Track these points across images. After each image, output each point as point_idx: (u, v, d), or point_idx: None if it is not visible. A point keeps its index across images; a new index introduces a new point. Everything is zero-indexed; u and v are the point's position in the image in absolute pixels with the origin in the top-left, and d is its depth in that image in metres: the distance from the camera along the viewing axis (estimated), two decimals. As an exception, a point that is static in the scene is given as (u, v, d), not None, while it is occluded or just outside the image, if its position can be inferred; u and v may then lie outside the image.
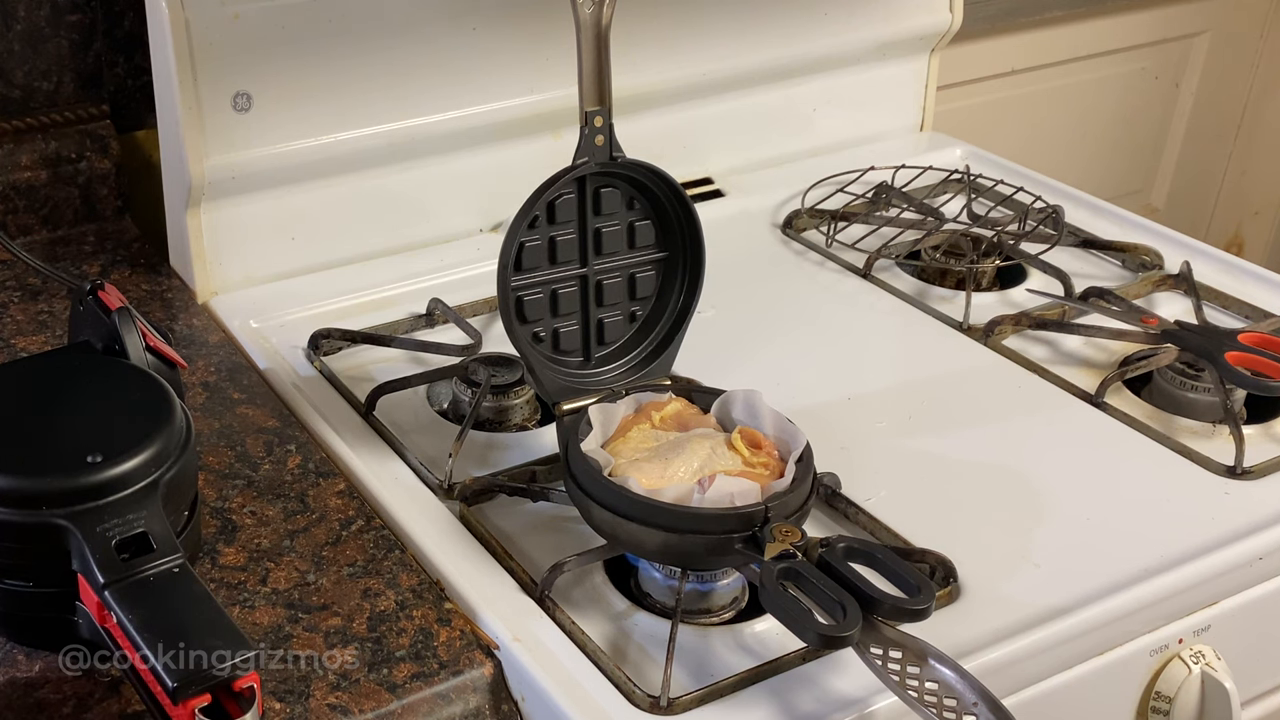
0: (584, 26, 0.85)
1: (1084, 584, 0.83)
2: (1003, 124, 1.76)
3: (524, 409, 0.99)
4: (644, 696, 0.73)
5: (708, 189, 1.31)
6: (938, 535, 0.85)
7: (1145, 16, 1.85)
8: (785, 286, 1.18)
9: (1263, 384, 1.00)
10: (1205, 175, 2.07)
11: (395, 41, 1.10)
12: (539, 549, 0.85)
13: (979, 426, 0.99)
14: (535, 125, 1.18)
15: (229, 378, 0.99)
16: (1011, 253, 1.19)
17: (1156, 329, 1.06)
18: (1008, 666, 0.78)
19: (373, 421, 0.96)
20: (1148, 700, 0.86)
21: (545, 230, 0.88)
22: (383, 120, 1.12)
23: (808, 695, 0.74)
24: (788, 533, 0.77)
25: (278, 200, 1.10)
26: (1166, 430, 0.99)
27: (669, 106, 1.27)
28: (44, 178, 1.15)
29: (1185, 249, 1.23)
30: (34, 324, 1.04)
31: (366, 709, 0.72)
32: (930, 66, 1.43)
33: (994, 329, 1.09)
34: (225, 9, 1.02)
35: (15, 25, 1.12)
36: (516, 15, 1.14)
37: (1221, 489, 0.93)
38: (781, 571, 0.75)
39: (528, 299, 0.89)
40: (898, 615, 0.73)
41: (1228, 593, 0.88)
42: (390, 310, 1.09)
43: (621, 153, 0.88)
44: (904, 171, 1.33)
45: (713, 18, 1.26)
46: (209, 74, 1.03)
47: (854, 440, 0.95)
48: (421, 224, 1.18)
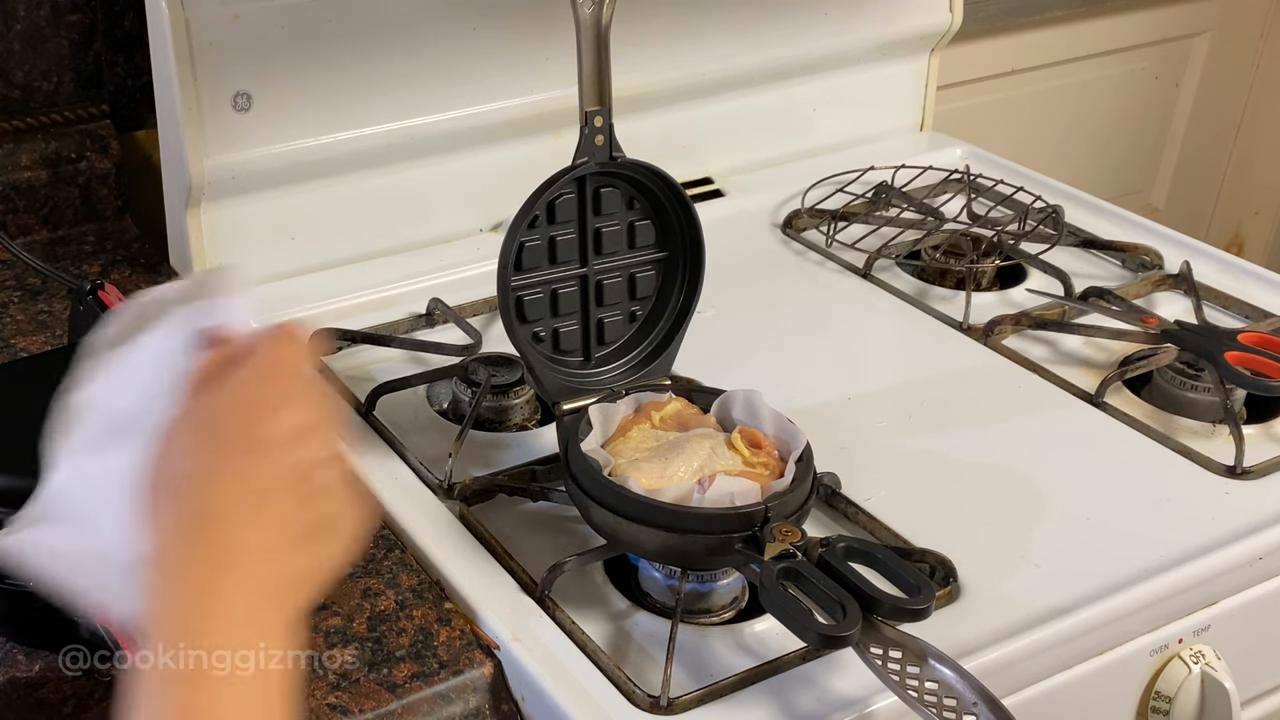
0: (584, 26, 0.85)
1: (1084, 584, 0.83)
2: (1003, 124, 1.76)
3: (524, 409, 0.98)
4: (644, 696, 0.73)
5: (708, 189, 1.31)
6: (938, 535, 0.85)
7: (1145, 16, 1.85)
8: (785, 286, 1.18)
9: (1263, 384, 1.00)
10: (1205, 175, 2.07)
11: (395, 41, 1.10)
12: (539, 549, 0.84)
13: (979, 426, 0.99)
14: (535, 125, 1.18)
15: (229, 378, 0.99)
16: (1011, 253, 1.19)
17: (1156, 329, 1.06)
18: (1008, 666, 0.78)
19: (373, 421, 0.95)
20: (1148, 700, 0.86)
21: (545, 230, 0.88)
22: (382, 120, 1.12)
23: (808, 695, 0.74)
24: (788, 533, 0.77)
25: (277, 200, 1.10)
26: (1166, 430, 0.99)
27: (669, 106, 1.27)
28: (44, 178, 1.15)
29: (1185, 249, 1.23)
30: (34, 324, 1.04)
31: (366, 709, 0.72)
32: (930, 66, 1.43)
33: (994, 329, 1.09)
34: (225, 9, 1.02)
35: (15, 25, 1.12)
36: (516, 15, 1.14)
37: (1221, 489, 0.93)
38: (781, 571, 0.74)
39: (528, 299, 0.89)
40: (898, 615, 0.73)
41: (1228, 593, 0.88)
42: (390, 310, 1.09)
43: (621, 153, 0.88)
44: (904, 171, 1.33)
45: (713, 18, 1.26)
46: (209, 74, 1.03)
47: (854, 440, 0.95)
48: (421, 224, 1.18)
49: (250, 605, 0.50)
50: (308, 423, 0.55)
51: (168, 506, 0.51)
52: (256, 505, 0.51)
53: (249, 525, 0.51)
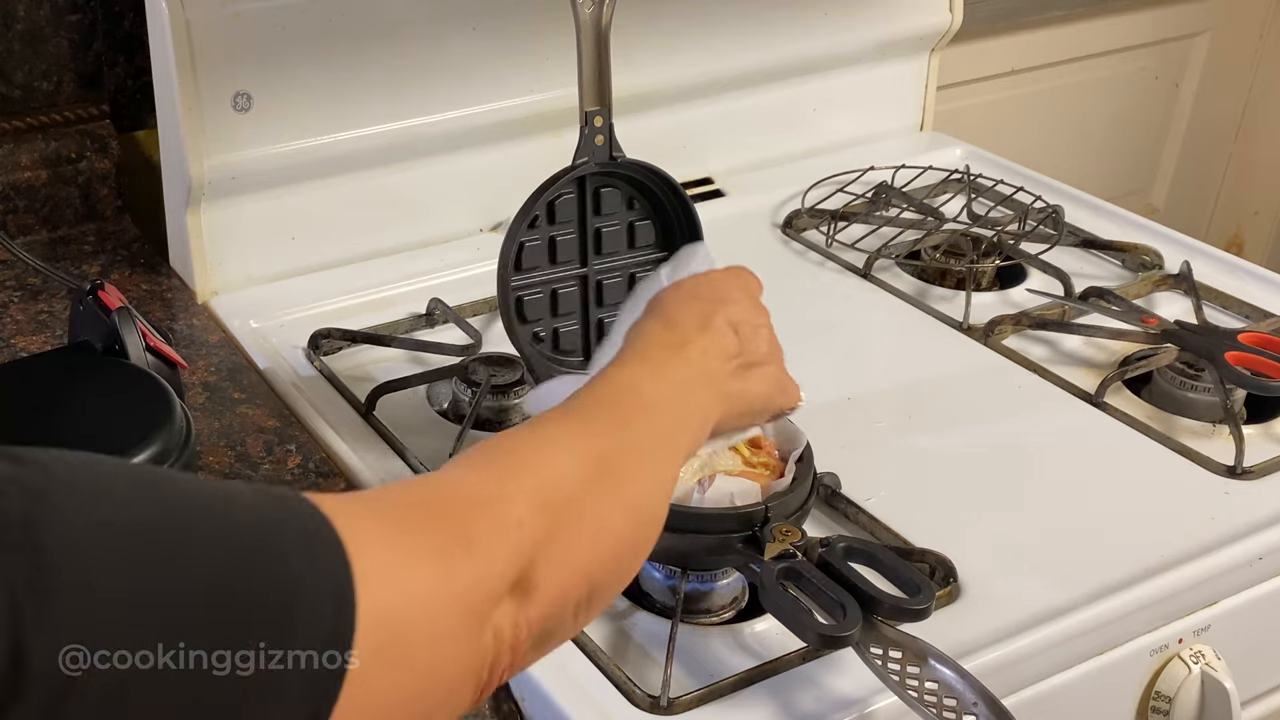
0: (584, 26, 0.85)
1: (1084, 584, 0.83)
2: (1003, 124, 1.76)
3: (524, 409, 0.98)
4: (644, 696, 0.73)
5: (708, 189, 1.31)
6: (938, 535, 0.85)
7: (1145, 16, 1.85)
8: (785, 286, 1.17)
9: (1263, 384, 1.00)
10: (1205, 175, 2.07)
11: (395, 41, 1.10)
12: (539, 549, 0.84)
13: (979, 426, 0.99)
14: (535, 125, 1.18)
15: (229, 378, 0.99)
16: (1011, 253, 1.19)
17: (1156, 329, 1.06)
18: (1008, 666, 0.78)
19: (373, 421, 0.95)
20: (1148, 700, 0.86)
21: (545, 230, 0.88)
22: (383, 120, 1.12)
23: (808, 695, 0.74)
24: (788, 533, 0.77)
25: (278, 200, 1.10)
26: (1166, 430, 0.99)
27: (669, 106, 1.27)
28: (44, 178, 1.15)
29: (1185, 249, 1.23)
30: (34, 324, 1.04)
31: (366, 709, 0.72)
32: (930, 66, 1.43)
33: (994, 329, 1.09)
34: (225, 9, 1.02)
35: (15, 25, 1.12)
36: (516, 15, 1.14)
37: (1221, 489, 0.93)
38: (781, 571, 0.74)
39: (528, 299, 0.89)
40: (898, 615, 0.73)
41: (1228, 593, 0.88)
42: (390, 310, 1.09)
43: (621, 153, 0.88)
44: (904, 171, 1.33)
45: (712, 18, 1.26)
46: (209, 74, 1.03)
47: (854, 440, 0.95)
48: (421, 224, 1.18)
49: (687, 380, 0.71)
50: (747, 301, 0.79)
51: (651, 318, 0.75)
52: (706, 328, 0.74)
53: (699, 339, 0.73)
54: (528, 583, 0.55)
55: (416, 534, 0.52)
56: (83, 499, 0.42)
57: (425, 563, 0.51)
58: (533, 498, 0.57)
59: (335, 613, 0.45)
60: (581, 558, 0.59)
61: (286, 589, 0.44)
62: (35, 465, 0.41)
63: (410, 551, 0.51)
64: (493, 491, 0.57)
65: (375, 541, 0.49)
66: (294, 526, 0.47)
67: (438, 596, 0.51)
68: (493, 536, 0.54)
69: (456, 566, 0.52)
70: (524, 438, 0.64)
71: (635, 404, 0.68)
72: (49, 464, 0.42)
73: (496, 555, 0.54)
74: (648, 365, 0.71)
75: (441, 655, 0.51)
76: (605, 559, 0.61)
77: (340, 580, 0.46)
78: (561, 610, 0.58)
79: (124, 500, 0.43)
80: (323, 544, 0.46)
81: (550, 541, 0.56)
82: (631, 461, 0.65)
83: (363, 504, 0.53)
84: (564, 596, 0.57)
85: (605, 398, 0.68)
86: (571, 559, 0.58)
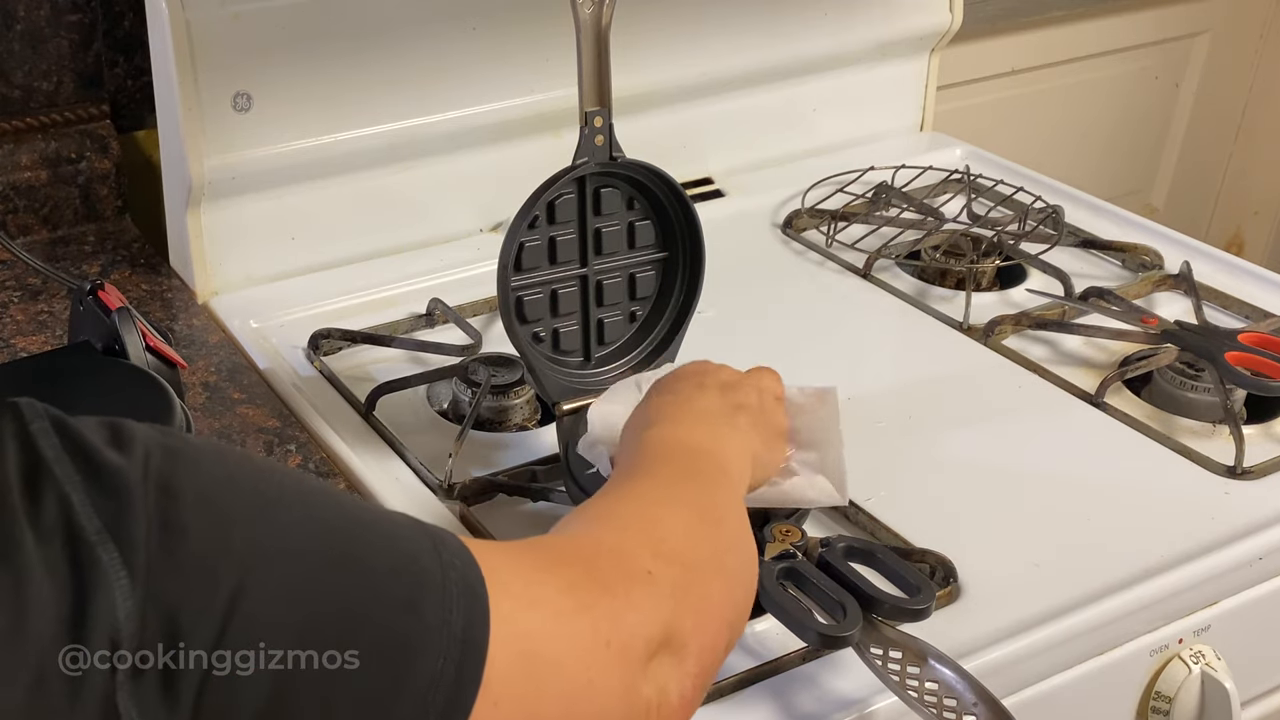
0: (584, 26, 0.85)
1: (1084, 584, 0.83)
2: (1003, 124, 1.76)
3: (524, 409, 0.98)
4: (644, 696, 0.73)
5: (708, 189, 1.31)
6: (938, 535, 0.85)
7: (1145, 16, 1.85)
8: (785, 286, 1.18)
9: (1263, 384, 1.00)
10: (1205, 175, 2.07)
11: (395, 41, 1.10)
12: (539, 549, 0.84)
13: (979, 426, 0.99)
14: (535, 125, 1.18)
15: (229, 378, 0.99)
16: (1011, 253, 1.19)
17: (1156, 329, 1.06)
18: (1008, 666, 0.78)
19: (373, 421, 0.95)
20: (1148, 700, 0.86)
21: (545, 230, 0.88)
22: (383, 120, 1.12)
23: (808, 695, 0.74)
24: (788, 533, 0.77)
25: (278, 200, 1.10)
26: (1166, 430, 0.99)
27: (669, 106, 1.27)
28: (44, 178, 1.15)
29: (1185, 249, 1.23)
30: (34, 324, 1.04)
31: (366, 709, 0.72)
32: (930, 66, 1.43)
33: (994, 329, 1.09)
34: (225, 9, 1.02)
35: (15, 25, 1.12)
36: (516, 15, 1.14)
37: (1221, 489, 0.93)
38: (781, 571, 0.75)
39: (528, 299, 0.89)
40: (898, 615, 0.73)
41: (1228, 593, 0.88)
42: (390, 310, 1.09)
43: (621, 153, 0.88)
44: (904, 171, 1.33)
45: (713, 18, 1.26)
46: (209, 74, 1.03)
47: (854, 440, 0.95)
48: (421, 224, 1.18)
49: (711, 419, 0.74)
50: (735, 378, 0.80)
51: (660, 391, 0.78)
52: (700, 389, 0.76)
53: (701, 394, 0.76)
54: (677, 640, 0.56)
55: (549, 572, 0.53)
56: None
57: (564, 597, 0.52)
58: (653, 549, 0.58)
59: (463, 638, 0.47)
60: (716, 603, 0.60)
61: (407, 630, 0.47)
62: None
63: (545, 584, 0.52)
64: (613, 543, 0.58)
65: (514, 578, 0.51)
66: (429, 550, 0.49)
67: (577, 630, 0.52)
68: (627, 582, 0.55)
69: (597, 607, 0.53)
70: (613, 499, 0.65)
71: (686, 451, 0.69)
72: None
73: (634, 601, 0.55)
74: (671, 423, 0.72)
75: (586, 689, 0.52)
76: (737, 600, 0.63)
77: (475, 615, 0.48)
78: (714, 658, 0.59)
79: (298, 518, 0.47)
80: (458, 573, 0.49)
81: (685, 592, 0.57)
82: (718, 503, 0.66)
83: (496, 546, 0.54)
84: (714, 645, 0.59)
85: (659, 453, 0.69)
86: (708, 606, 0.59)
